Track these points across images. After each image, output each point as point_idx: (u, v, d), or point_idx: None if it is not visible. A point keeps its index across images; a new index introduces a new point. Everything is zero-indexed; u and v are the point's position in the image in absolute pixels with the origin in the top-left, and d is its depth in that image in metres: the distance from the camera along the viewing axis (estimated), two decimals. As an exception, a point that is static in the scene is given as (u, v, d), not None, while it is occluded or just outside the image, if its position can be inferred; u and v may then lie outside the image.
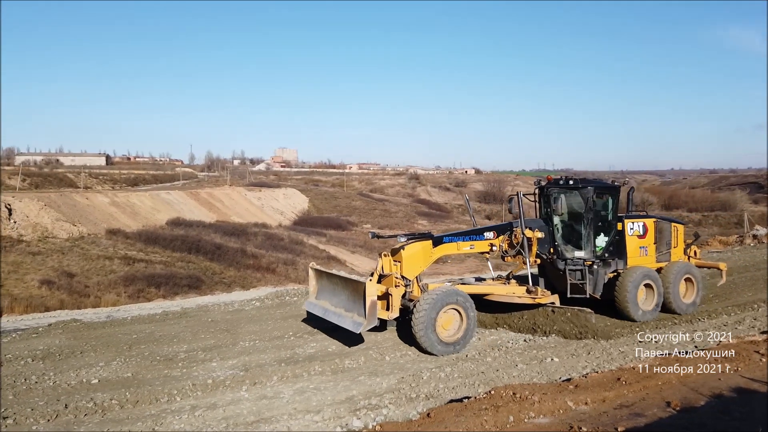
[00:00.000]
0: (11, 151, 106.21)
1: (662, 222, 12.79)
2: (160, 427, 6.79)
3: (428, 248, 10.20)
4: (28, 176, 60.03)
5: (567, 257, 11.47)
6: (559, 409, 5.84)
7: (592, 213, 11.39)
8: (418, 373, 8.77)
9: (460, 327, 9.73)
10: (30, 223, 36.88)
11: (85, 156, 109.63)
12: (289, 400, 7.68)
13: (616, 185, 12.00)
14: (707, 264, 14.10)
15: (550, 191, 11.57)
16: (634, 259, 11.99)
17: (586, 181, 11.88)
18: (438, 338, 9.44)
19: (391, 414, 6.82)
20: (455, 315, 9.73)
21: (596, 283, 11.60)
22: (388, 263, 9.92)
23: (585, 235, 11.48)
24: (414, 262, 10.00)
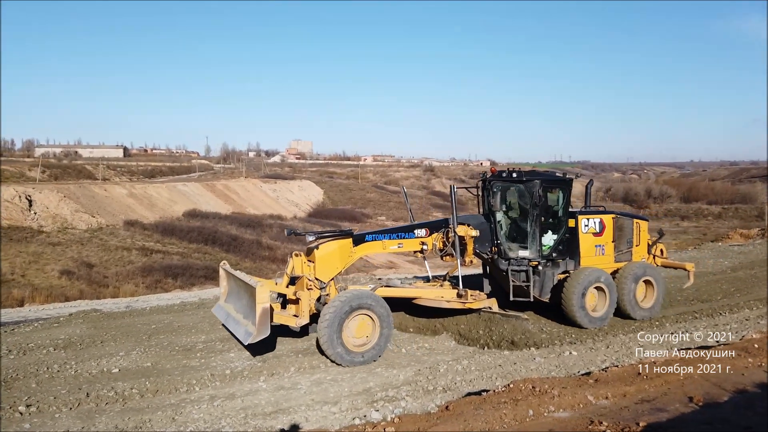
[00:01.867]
0: (31, 143, 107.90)
1: (623, 218, 11.71)
2: (180, 416, 6.85)
3: (347, 247, 9.41)
4: (47, 168, 60.88)
5: (510, 257, 10.60)
6: (579, 403, 5.78)
7: (538, 209, 10.46)
8: (434, 365, 8.75)
9: (373, 334, 8.89)
10: (50, 214, 37.46)
11: (103, 148, 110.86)
12: (307, 391, 7.72)
13: (568, 178, 11.07)
14: (674, 264, 12.94)
15: (493, 185, 10.72)
16: (589, 258, 10.99)
17: (533, 173, 11.00)
18: (345, 348, 8.59)
19: (408, 406, 6.83)
20: (367, 321, 8.88)
21: (543, 286, 10.68)
22: (300, 264, 9.12)
23: (531, 233, 10.57)
24: (329, 262, 9.19)
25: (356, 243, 9.51)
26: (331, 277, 9.25)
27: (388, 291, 9.99)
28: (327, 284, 9.19)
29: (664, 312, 12.23)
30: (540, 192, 10.38)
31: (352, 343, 8.72)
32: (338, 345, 8.51)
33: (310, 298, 8.98)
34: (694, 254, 22.33)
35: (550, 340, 9.82)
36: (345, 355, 8.57)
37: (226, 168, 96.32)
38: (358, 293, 9.02)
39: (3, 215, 35.09)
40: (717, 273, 17.13)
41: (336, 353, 8.53)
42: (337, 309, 8.57)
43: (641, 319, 11.00)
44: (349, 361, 8.58)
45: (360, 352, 8.72)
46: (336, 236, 9.47)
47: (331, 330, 8.45)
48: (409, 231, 10.12)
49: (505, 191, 10.93)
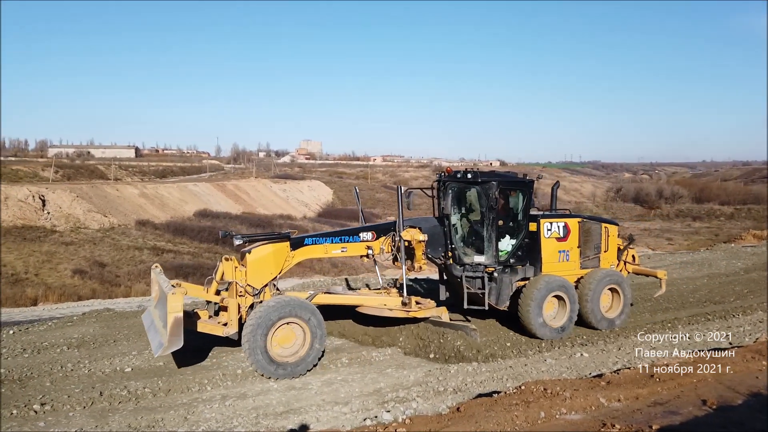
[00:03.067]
0: (44, 143, 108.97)
1: (589, 222, 11.09)
2: (192, 415, 6.91)
3: (283, 251, 8.90)
4: (60, 168, 61.49)
5: (465, 262, 10.04)
6: (591, 405, 5.75)
7: (494, 211, 9.86)
8: (445, 366, 8.75)
9: (303, 345, 8.33)
10: (63, 214, 37.85)
11: (115, 148, 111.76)
12: (318, 392, 7.76)
13: (528, 180, 10.49)
14: (646, 272, 12.27)
15: (448, 186, 10.21)
16: (552, 265, 10.39)
17: (490, 174, 10.42)
18: (270, 358, 8.04)
19: (419, 407, 6.83)
20: (296, 331, 8.34)
21: (500, 293, 10.06)
22: (230, 269, 8.56)
23: (487, 238, 9.94)
24: (262, 267, 8.70)
25: (294, 247, 9.02)
26: (264, 283, 8.72)
27: (326, 298, 9.54)
28: (261, 291, 8.68)
29: (676, 314, 12.16)
30: (496, 194, 9.81)
31: (278, 353, 8.17)
32: (261, 355, 7.97)
33: (244, 304, 8.48)
34: (706, 255, 22.16)
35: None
36: (268, 365, 8.02)
37: (236, 168, 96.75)
38: (287, 301, 8.45)
39: (17, 214, 35.50)
40: (730, 274, 16.99)
41: (258, 364, 8.01)
42: (261, 317, 8.06)
43: (605, 330, 10.44)
44: (273, 372, 8.05)
45: (287, 363, 8.16)
46: (271, 239, 8.99)
47: (253, 340, 7.94)
48: (353, 234, 9.59)
49: (460, 193, 10.41)
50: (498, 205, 9.94)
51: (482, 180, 9.92)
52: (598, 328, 10.50)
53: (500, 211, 10.18)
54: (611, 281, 10.75)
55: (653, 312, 12.44)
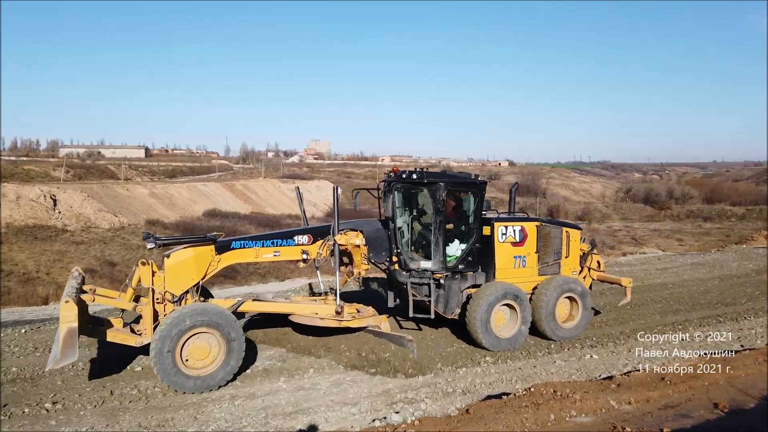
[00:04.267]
0: (55, 143, 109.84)
1: (548, 226, 10.53)
2: (202, 415, 6.94)
3: (207, 255, 8.39)
4: (71, 168, 61.92)
5: (411, 268, 9.44)
6: (602, 408, 5.72)
7: (442, 214, 9.22)
8: (454, 368, 8.74)
9: (218, 356, 7.77)
10: (74, 213, 38.10)
11: (125, 148, 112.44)
12: (326, 392, 7.76)
13: (480, 181, 9.82)
14: (611, 279, 11.64)
15: (393, 187, 9.59)
16: (506, 271, 9.83)
17: (437, 174, 9.78)
18: (179, 370, 7.48)
19: (428, 408, 6.83)
20: (211, 341, 7.76)
21: (448, 301, 9.58)
22: (147, 274, 8.01)
23: (434, 242, 9.31)
24: (182, 272, 8.18)
25: (220, 251, 8.52)
26: (185, 290, 8.20)
27: (255, 306, 9.06)
28: (181, 298, 8.17)
29: (687, 315, 12.07)
30: (443, 195, 9.15)
31: (190, 365, 7.61)
32: (168, 367, 7.41)
33: (163, 312, 7.99)
34: (717, 256, 21.97)
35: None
36: (176, 378, 7.47)
37: (245, 168, 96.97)
38: (199, 309, 7.82)
39: (28, 214, 35.80)
40: (741, 276, 16.84)
41: (165, 376, 7.45)
42: (168, 327, 7.51)
43: (560, 341, 9.97)
44: (182, 386, 7.51)
45: (198, 376, 7.59)
46: (195, 242, 8.51)
47: (160, 350, 7.41)
48: (287, 237, 8.98)
49: (406, 194, 9.84)
50: (446, 208, 9.32)
51: (428, 180, 9.29)
52: (553, 338, 9.98)
53: (450, 214, 9.67)
54: (568, 289, 10.13)
55: (663, 313, 12.36)
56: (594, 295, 11.86)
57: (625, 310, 12.69)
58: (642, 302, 13.35)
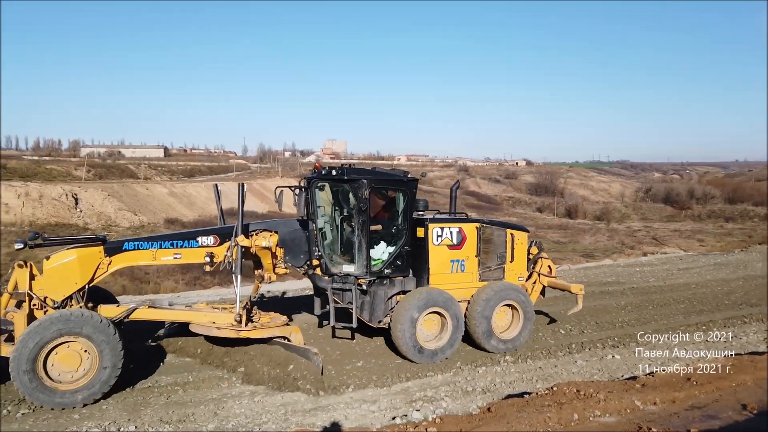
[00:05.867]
0: (77, 143, 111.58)
1: (491, 228, 9.68)
2: (222, 411, 6.96)
3: (94, 257, 7.66)
4: (92, 167, 62.91)
5: (333, 272, 8.75)
6: (626, 408, 5.62)
7: (365, 214, 8.45)
8: (473, 367, 8.67)
9: (90, 366, 7.02)
10: (95, 212, 38.73)
11: (145, 148, 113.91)
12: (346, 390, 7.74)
13: (409, 178, 9.04)
14: (560, 285, 10.58)
15: (313, 184, 8.90)
16: (441, 276, 9.08)
17: (361, 171, 8.92)
18: (43, 385, 6.74)
19: (449, 407, 6.78)
20: (78, 351, 6.99)
21: (374, 308, 8.81)
22: (24, 277, 7.28)
23: (357, 244, 8.57)
24: (63, 276, 7.45)
25: (111, 253, 7.79)
26: (67, 295, 7.47)
27: (148, 313, 8.24)
28: (64, 304, 7.45)
29: (711, 316, 11.85)
30: (366, 194, 8.41)
31: (57, 378, 6.90)
32: (29, 381, 6.67)
33: (23, 321, 7.20)
34: (741, 257, 21.59)
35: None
36: (41, 394, 6.73)
37: (262, 168, 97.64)
38: (63, 316, 6.99)
39: (51, 212, 36.47)
40: (766, 276, 16.50)
41: (28, 391, 6.70)
42: (28, 337, 6.75)
43: (498, 352, 9.20)
44: (50, 402, 6.78)
45: (67, 390, 6.88)
46: (79, 243, 7.81)
47: (19, 363, 6.65)
48: (190, 238, 8.25)
49: (331, 193, 9.18)
50: (370, 207, 8.60)
51: (350, 178, 8.56)
52: (489, 350, 9.19)
53: (380, 214, 9.07)
54: (506, 297, 9.33)
55: (687, 314, 12.16)
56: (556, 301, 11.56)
57: (647, 310, 12.52)
58: (665, 302, 13.15)
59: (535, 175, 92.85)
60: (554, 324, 11.08)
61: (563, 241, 39.89)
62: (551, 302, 11.87)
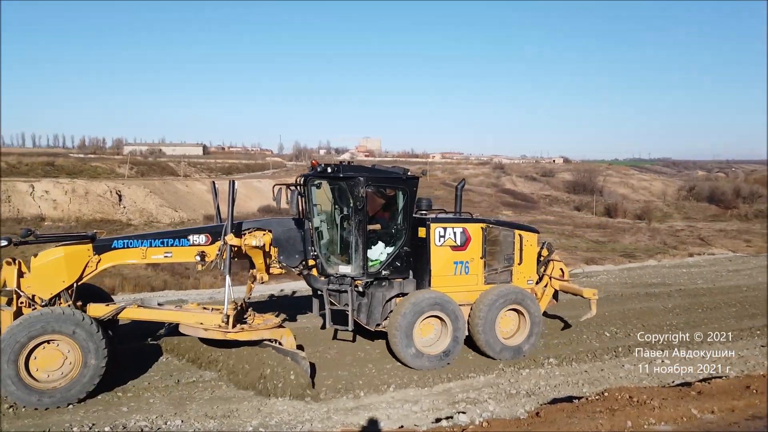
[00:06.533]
0: (120, 141, 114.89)
1: (498, 228, 9.30)
2: (265, 407, 7.00)
3: (82, 255, 7.54)
4: (134, 165, 64.58)
5: (329, 273, 8.49)
6: (682, 416, 5.39)
7: (362, 213, 8.20)
8: (516, 369, 8.51)
9: (74, 364, 6.88)
10: (137, 208, 39.79)
11: (185, 146, 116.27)
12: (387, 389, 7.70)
13: (409, 176, 8.72)
14: (573, 289, 10.01)
15: (308, 182, 8.63)
16: (444, 278, 8.74)
17: (357, 168, 8.64)
18: (27, 386, 6.66)
19: (496, 410, 6.65)
20: (61, 349, 6.87)
21: (371, 311, 8.57)
22: (12, 275, 7.19)
23: (353, 244, 8.31)
24: (50, 274, 7.34)
25: (99, 251, 7.67)
26: (55, 293, 7.37)
27: (137, 313, 8.08)
28: (52, 302, 7.34)
29: (764, 320, 11.34)
30: (363, 192, 8.15)
31: (41, 378, 6.81)
32: (13, 385, 6.60)
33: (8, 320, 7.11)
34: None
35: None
36: (26, 395, 6.66)
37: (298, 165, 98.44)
38: (44, 315, 6.85)
39: (96, 208, 37.65)
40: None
41: (13, 395, 6.66)
42: (6, 337, 6.66)
43: (501, 359, 8.79)
44: (36, 403, 6.72)
45: (54, 389, 6.79)
46: (68, 240, 7.70)
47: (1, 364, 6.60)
48: (181, 236, 8.12)
49: (327, 191, 8.88)
50: (366, 206, 8.28)
51: (346, 175, 8.28)
52: (496, 357, 8.82)
53: (378, 213, 8.80)
54: (511, 300, 8.89)
55: (739, 318, 11.70)
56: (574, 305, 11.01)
57: (696, 313, 12.09)
58: (715, 305, 12.69)
59: (572, 173, 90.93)
60: (599, 326, 10.79)
61: (602, 240, 38.92)
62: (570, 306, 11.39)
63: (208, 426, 6.46)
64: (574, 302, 10.84)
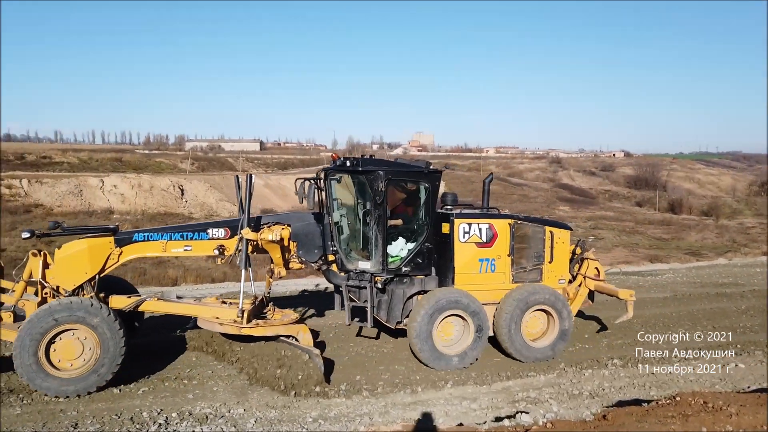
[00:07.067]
0: (182, 138, 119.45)
1: (527, 224, 8.91)
2: (325, 399, 7.09)
3: (104, 247, 7.67)
4: (195, 160, 66.86)
5: (349, 269, 8.36)
6: (762, 424, 5.06)
7: (381, 208, 8.01)
8: (578, 369, 8.27)
9: (92, 353, 7.06)
10: (198, 202, 41.13)
11: (242, 142, 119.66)
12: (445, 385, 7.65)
13: (431, 170, 8.47)
14: (607, 289, 9.48)
15: (328, 176, 8.52)
16: (468, 276, 8.44)
17: (377, 162, 8.49)
18: (44, 372, 6.83)
19: (560, 411, 6.49)
20: (80, 338, 7.03)
21: (391, 308, 8.42)
22: (38, 266, 7.41)
23: (373, 239, 8.18)
24: (73, 265, 7.49)
25: (121, 243, 7.79)
26: (77, 284, 7.52)
27: (156, 305, 8.22)
28: (75, 293, 7.50)
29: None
30: (382, 186, 7.94)
31: (62, 367, 6.97)
32: (33, 372, 6.79)
33: None
34: None
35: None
36: (44, 382, 6.84)
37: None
38: (62, 305, 7.01)
39: (160, 202, 39.20)
40: None
41: (33, 383, 6.85)
42: (25, 329, 6.84)
43: (528, 362, 8.46)
44: (56, 390, 6.88)
45: (71, 378, 6.94)
46: (91, 233, 7.86)
47: (21, 355, 6.78)
48: (201, 230, 8.14)
49: (348, 185, 8.72)
50: (387, 200, 8.09)
51: (365, 169, 8.11)
52: (520, 359, 8.50)
53: (399, 208, 8.66)
54: (539, 300, 8.53)
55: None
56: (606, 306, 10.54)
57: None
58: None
59: (634, 167, 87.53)
60: (666, 327, 10.36)
61: (665, 237, 37.27)
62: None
63: (269, 415, 6.60)
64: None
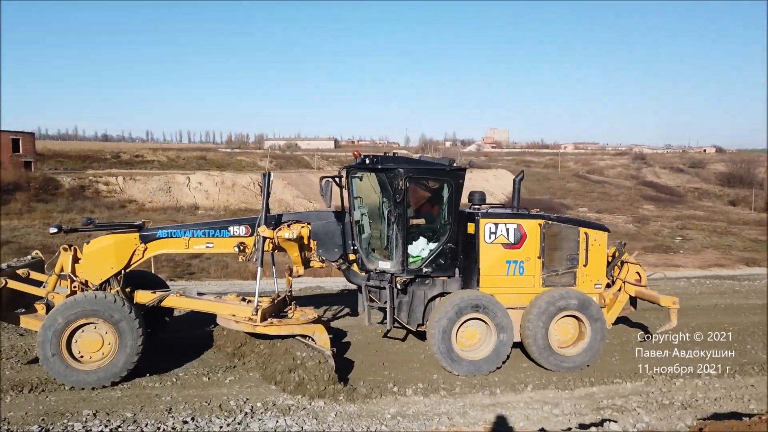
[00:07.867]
0: (261, 137, 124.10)
1: (558, 225, 8.39)
2: (402, 396, 7.14)
3: (129, 243, 7.82)
4: (274, 158, 69.24)
5: (370, 268, 8.14)
6: None
7: (401, 207, 7.79)
8: (668, 377, 7.85)
9: (112, 347, 7.17)
10: (276, 199, 42.44)
11: (318, 140, 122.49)
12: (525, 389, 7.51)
13: (454, 168, 8.11)
14: (648, 296, 8.74)
15: (350, 174, 8.31)
16: (494, 278, 8.05)
17: (398, 159, 8.17)
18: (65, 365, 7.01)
19: (650, 421, 6.18)
20: (100, 332, 7.18)
21: (412, 310, 8.17)
22: (68, 261, 7.61)
23: (393, 239, 7.96)
24: (100, 260, 7.67)
25: (145, 240, 7.93)
26: (104, 278, 7.70)
27: (177, 301, 8.29)
28: (103, 287, 7.67)
29: None
30: (403, 184, 7.73)
31: (83, 359, 7.16)
32: (55, 364, 6.99)
33: None
34: None
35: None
36: (64, 372, 7.02)
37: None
38: (83, 299, 7.19)
39: (241, 198, 40.88)
40: None
41: (55, 372, 7.04)
42: (48, 322, 7.04)
43: (556, 370, 8.03)
44: (75, 381, 7.06)
45: (90, 370, 7.11)
46: (116, 229, 8.04)
47: (45, 347, 6.98)
48: (222, 228, 8.18)
49: (370, 182, 8.48)
50: (407, 199, 7.90)
51: (385, 167, 7.91)
52: (547, 367, 8.09)
53: (422, 207, 8.42)
54: (568, 306, 8.03)
55: None
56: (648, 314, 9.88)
57: None
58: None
59: (727, 164, 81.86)
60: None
61: (761, 239, 34.67)
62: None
63: (349, 410, 6.71)
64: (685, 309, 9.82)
